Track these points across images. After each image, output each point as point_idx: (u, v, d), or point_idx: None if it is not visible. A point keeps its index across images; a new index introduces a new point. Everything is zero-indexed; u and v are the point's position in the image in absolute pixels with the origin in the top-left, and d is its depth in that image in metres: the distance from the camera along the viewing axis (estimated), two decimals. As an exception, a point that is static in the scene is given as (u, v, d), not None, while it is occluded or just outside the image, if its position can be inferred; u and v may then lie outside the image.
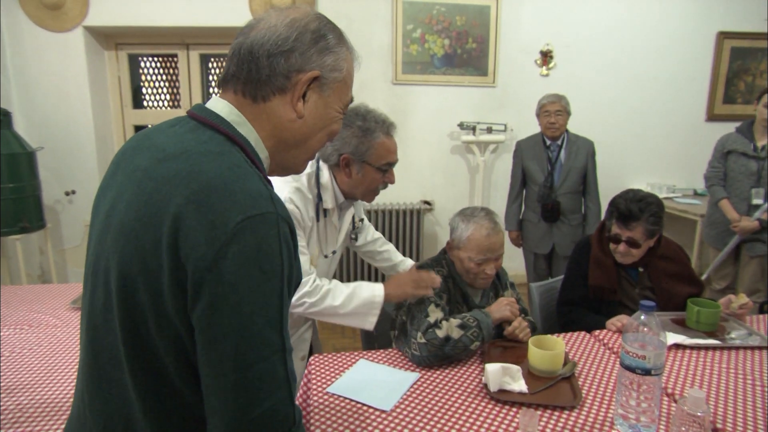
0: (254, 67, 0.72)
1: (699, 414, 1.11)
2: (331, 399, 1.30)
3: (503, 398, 1.28)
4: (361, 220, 1.85)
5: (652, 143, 4.05)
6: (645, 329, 1.14)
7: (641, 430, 1.16)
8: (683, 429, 1.13)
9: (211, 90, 3.94)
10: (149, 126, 0.84)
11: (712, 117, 4.05)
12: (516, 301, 1.79)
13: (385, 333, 1.81)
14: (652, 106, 3.98)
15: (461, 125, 3.80)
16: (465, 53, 3.76)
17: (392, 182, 1.54)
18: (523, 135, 3.94)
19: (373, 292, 1.53)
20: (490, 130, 3.78)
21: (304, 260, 1.48)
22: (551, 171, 3.03)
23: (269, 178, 0.77)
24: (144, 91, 3.91)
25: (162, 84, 3.90)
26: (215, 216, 0.61)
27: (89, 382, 0.73)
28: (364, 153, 1.45)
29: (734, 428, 1.18)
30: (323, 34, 0.75)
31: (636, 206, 1.71)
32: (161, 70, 3.88)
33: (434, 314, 1.51)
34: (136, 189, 0.67)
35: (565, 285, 1.96)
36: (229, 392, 0.62)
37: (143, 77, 3.89)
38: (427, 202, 3.91)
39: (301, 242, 1.47)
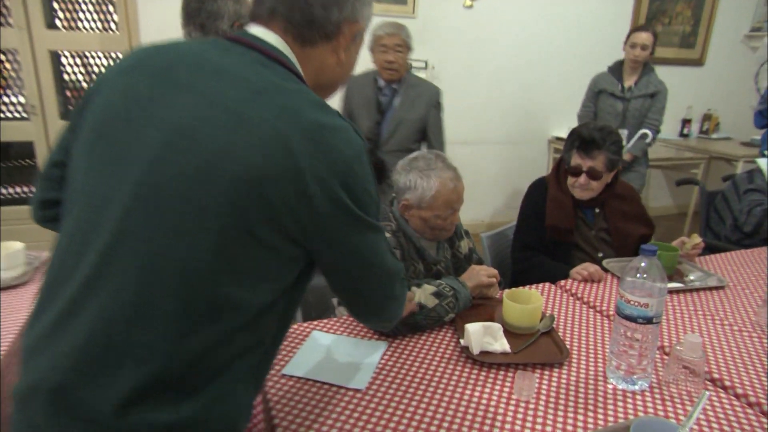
0: (308, 12, 0.75)
1: (696, 359, 1.05)
2: (291, 383, 1.06)
3: (487, 360, 1.14)
4: None
5: (575, 86, 4.06)
6: (645, 275, 1.04)
7: (636, 382, 1.08)
8: (678, 375, 1.07)
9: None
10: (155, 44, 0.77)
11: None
12: (471, 251, 1.67)
13: (321, 300, 1.60)
14: (575, 47, 3.95)
15: (379, 62, 3.51)
16: (384, -21, 3.42)
17: None
18: (445, 73, 3.75)
19: None
20: (409, 68, 3.54)
21: None
22: (380, 121, 2.43)
23: None
24: (56, 5, 2.96)
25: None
26: (331, 150, 0.69)
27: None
28: None
29: (718, 368, 1.15)
30: None
31: (598, 134, 1.68)
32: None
33: None
34: (230, 117, 0.67)
35: (519, 229, 1.86)
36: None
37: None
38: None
39: None
